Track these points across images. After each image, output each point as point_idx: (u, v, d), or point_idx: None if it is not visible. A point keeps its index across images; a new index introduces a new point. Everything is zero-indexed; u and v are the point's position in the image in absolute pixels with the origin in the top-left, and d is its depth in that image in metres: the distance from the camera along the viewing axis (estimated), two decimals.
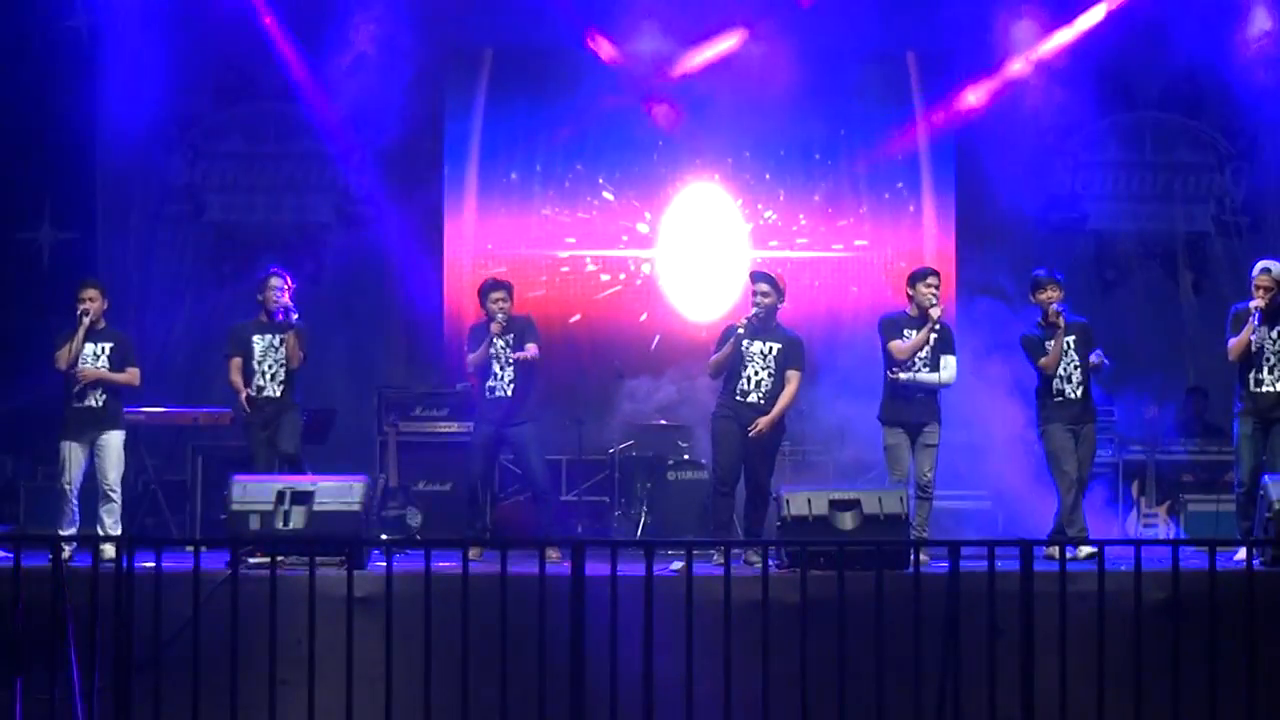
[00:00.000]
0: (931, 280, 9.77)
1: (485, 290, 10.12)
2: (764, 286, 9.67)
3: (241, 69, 13.24)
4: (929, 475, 9.67)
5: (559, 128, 13.12)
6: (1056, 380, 9.71)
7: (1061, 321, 9.67)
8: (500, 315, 9.96)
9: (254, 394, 10.02)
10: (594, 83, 12.93)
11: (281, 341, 10.04)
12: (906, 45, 13.25)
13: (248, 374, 10.06)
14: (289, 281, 10.19)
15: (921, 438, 9.70)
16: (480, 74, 13.27)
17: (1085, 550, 9.08)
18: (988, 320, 10.95)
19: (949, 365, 9.80)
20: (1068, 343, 9.72)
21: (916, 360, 9.71)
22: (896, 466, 9.68)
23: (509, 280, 10.35)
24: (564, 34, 13.03)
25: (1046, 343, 9.71)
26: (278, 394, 10.06)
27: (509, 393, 10.00)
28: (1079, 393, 9.74)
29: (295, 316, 10.08)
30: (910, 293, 9.80)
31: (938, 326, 9.69)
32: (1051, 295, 9.74)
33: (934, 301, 9.70)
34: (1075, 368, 9.73)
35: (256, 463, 9.89)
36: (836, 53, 13.03)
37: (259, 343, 10.08)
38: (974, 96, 13.03)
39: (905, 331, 9.71)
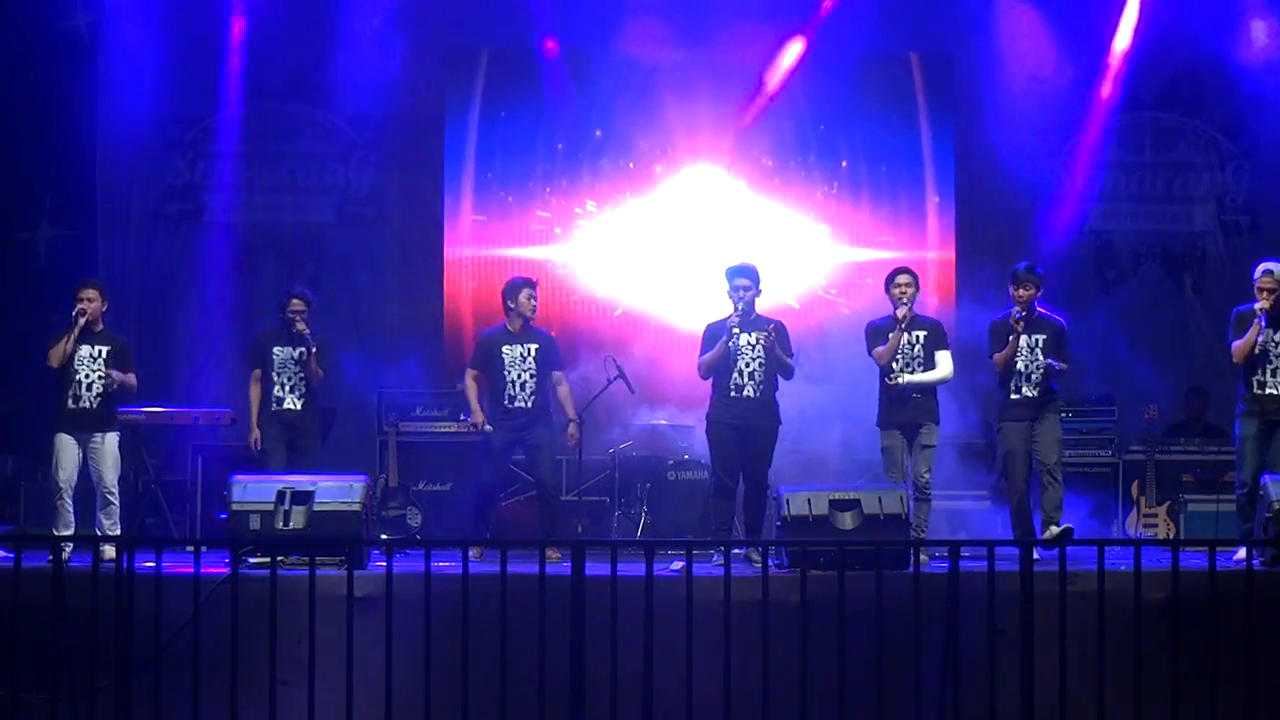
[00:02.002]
0: (900, 280, 9.80)
1: (519, 287, 10.12)
2: (747, 280, 9.66)
3: (241, 69, 13.24)
4: (927, 476, 9.67)
5: (560, 128, 13.10)
6: (1015, 377, 9.69)
7: (1020, 328, 9.62)
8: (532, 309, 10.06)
9: (274, 405, 10.05)
10: (597, 82, 12.92)
11: (300, 355, 10.06)
12: (909, 46, 13.24)
13: (267, 385, 10.11)
14: (308, 305, 10.23)
15: (919, 439, 9.71)
16: (481, 75, 13.25)
17: (1052, 531, 9.20)
18: (988, 320, 10.94)
19: (944, 361, 9.81)
20: (1037, 340, 9.66)
21: (911, 361, 9.72)
22: (893, 468, 9.69)
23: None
24: (564, 34, 13.03)
25: (1009, 336, 9.69)
26: (298, 406, 10.09)
27: (529, 404, 10.02)
28: (1035, 392, 9.66)
29: (313, 349, 10.09)
30: (888, 296, 9.85)
31: (906, 323, 9.69)
32: (1022, 294, 9.65)
33: (903, 301, 9.71)
34: (1037, 367, 9.68)
35: (270, 462, 9.90)
36: (838, 53, 13.06)
37: (279, 354, 10.13)
38: None
39: (890, 336, 9.74)
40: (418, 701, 6.83)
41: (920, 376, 9.72)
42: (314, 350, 10.09)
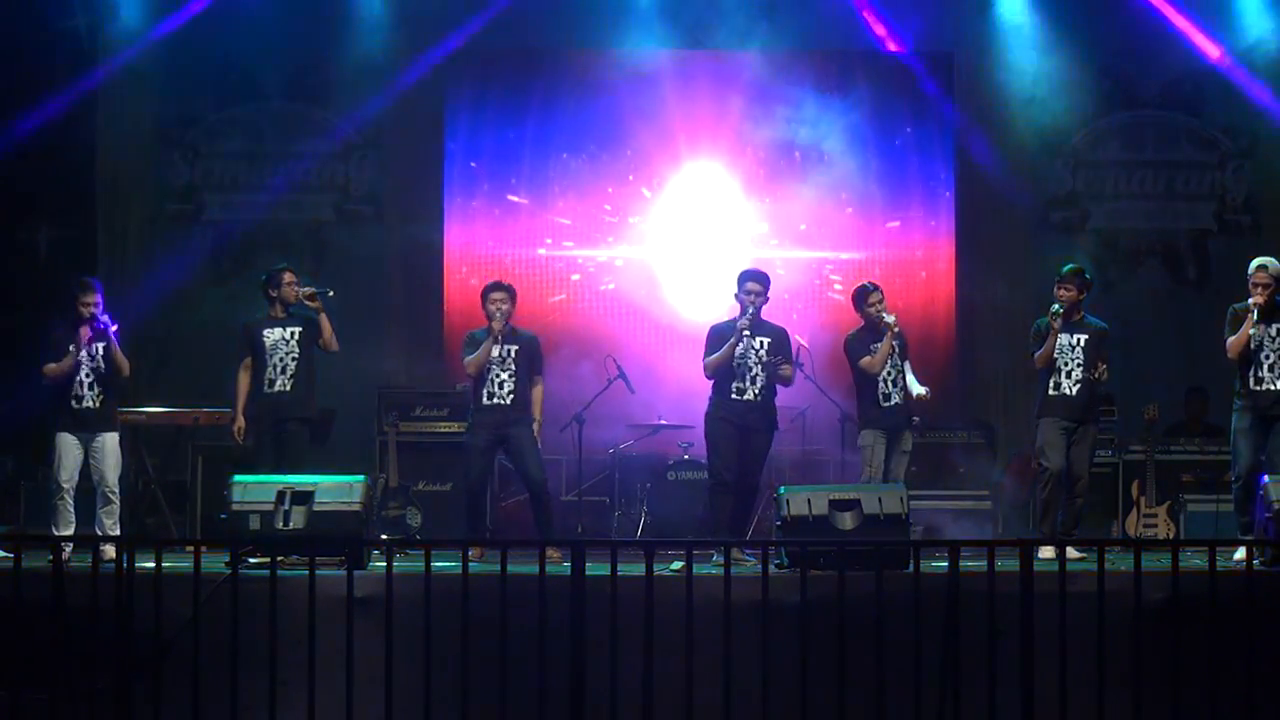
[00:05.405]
0: (873, 298, 9.89)
1: (486, 291, 10.07)
2: (758, 285, 9.69)
3: (241, 69, 13.26)
4: (901, 478, 9.73)
5: (560, 128, 13.10)
6: (1055, 374, 9.72)
7: (1057, 324, 9.66)
8: (499, 315, 9.91)
9: (265, 388, 9.95)
10: (596, 83, 12.93)
11: (293, 335, 9.96)
12: (909, 46, 13.25)
13: (259, 368, 9.97)
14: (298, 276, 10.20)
15: (899, 444, 9.79)
16: (481, 74, 13.27)
17: (1072, 553, 9.00)
18: (989, 320, 10.95)
19: (909, 371, 9.87)
20: (1079, 340, 9.69)
21: (893, 370, 9.75)
22: (869, 465, 9.73)
23: (511, 284, 10.29)
24: (565, 34, 13.03)
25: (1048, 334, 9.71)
26: (288, 387, 9.95)
27: (507, 400, 9.92)
28: (1075, 390, 9.70)
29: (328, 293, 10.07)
30: (859, 313, 9.87)
31: (897, 330, 9.77)
32: (1062, 295, 9.74)
33: (887, 312, 9.77)
34: (1078, 365, 9.69)
35: (259, 459, 9.85)
36: (838, 52, 13.07)
37: (270, 336, 9.94)
38: None
39: (872, 346, 9.79)
40: (418, 702, 6.83)
41: (914, 388, 9.77)
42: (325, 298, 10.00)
